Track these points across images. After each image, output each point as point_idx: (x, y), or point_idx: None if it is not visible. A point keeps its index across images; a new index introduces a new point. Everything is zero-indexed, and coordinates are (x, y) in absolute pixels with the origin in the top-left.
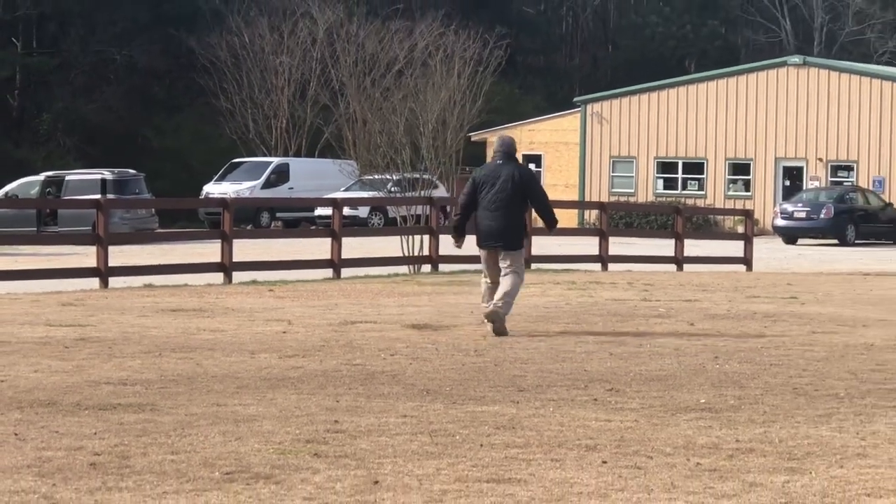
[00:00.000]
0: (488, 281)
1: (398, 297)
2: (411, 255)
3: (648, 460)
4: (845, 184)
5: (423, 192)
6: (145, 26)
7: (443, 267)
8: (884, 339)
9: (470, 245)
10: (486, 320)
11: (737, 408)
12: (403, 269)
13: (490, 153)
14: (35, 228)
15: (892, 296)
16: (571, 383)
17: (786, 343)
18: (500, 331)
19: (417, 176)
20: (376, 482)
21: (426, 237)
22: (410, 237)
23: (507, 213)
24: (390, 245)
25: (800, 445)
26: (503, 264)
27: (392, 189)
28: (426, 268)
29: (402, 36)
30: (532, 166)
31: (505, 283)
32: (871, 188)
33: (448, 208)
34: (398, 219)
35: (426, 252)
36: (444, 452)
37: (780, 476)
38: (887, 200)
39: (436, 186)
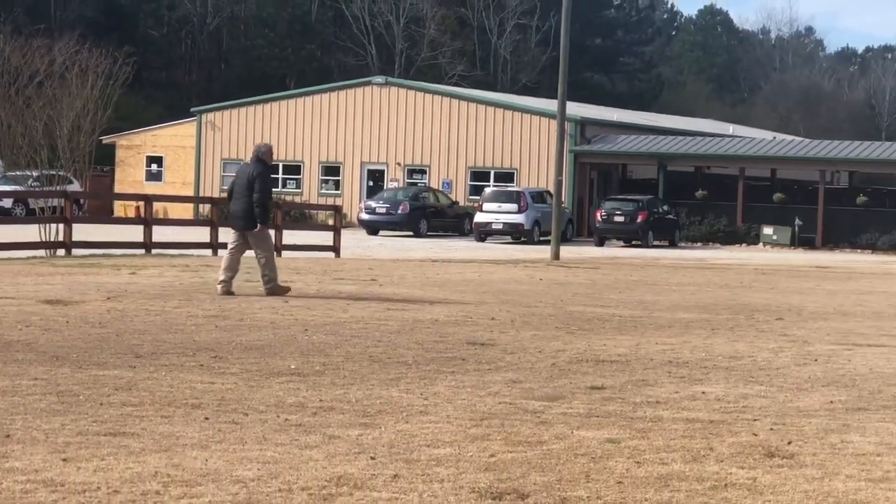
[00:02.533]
0: (229, 251)
1: (35, 277)
2: (48, 240)
3: (244, 417)
4: (419, 184)
5: (59, 187)
6: None
7: (76, 251)
8: (447, 316)
9: (99, 233)
10: (219, 289)
11: (321, 373)
12: (41, 252)
13: (119, 155)
14: None
15: (455, 279)
16: (182, 351)
17: (365, 318)
18: (275, 292)
19: (55, 173)
20: (8, 436)
21: (61, 225)
22: (47, 225)
23: (244, 201)
24: (31, 232)
25: (373, 404)
26: (252, 246)
27: (32, 184)
28: (61, 252)
29: (43, 52)
30: (154, 166)
31: (260, 266)
32: (440, 188)
33: (81, 201)
34: (37, 210)
35: (61, 238)
36: (69, 410)
37: (356, 430)
38: (454, 199)
39: (71, 182)
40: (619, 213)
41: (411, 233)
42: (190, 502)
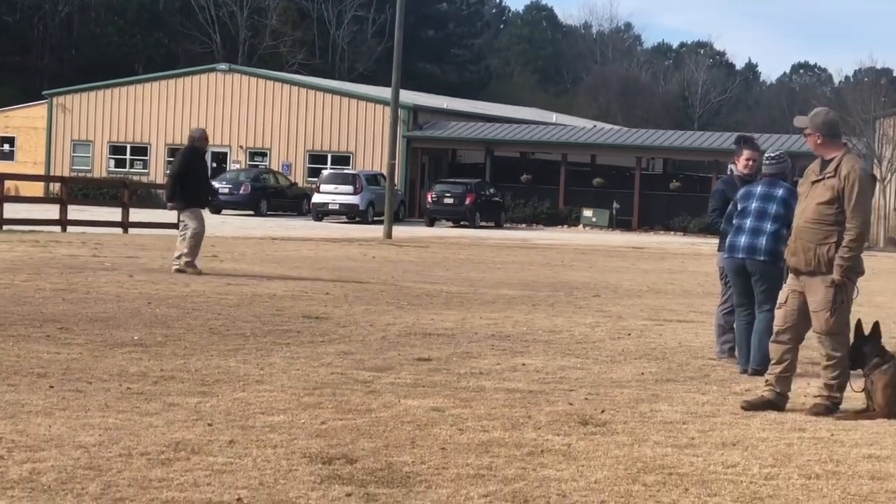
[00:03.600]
0: None
1: None
2: None
3: (88, 385)
4: (260, 166)
5: None
6: None
7: None
8: (284, 290)
9: None
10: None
11: (163, 343)
12: None
13: None
14: None
15: (293, 256)
16: (29, 322)
17: (206, 292)
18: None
19: None
20: None
21: None
22: None
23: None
24: None
25: (212, 374)
26: None
27: None
28: None
29: None
30: (6, 146)
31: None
32: (280, 171)
33: None
34: None
35: None
36: None
37: (195, 398)
38: (293, 181)
39: None
40: (448, 195)
41: (252, 212)
42: (33, 467)
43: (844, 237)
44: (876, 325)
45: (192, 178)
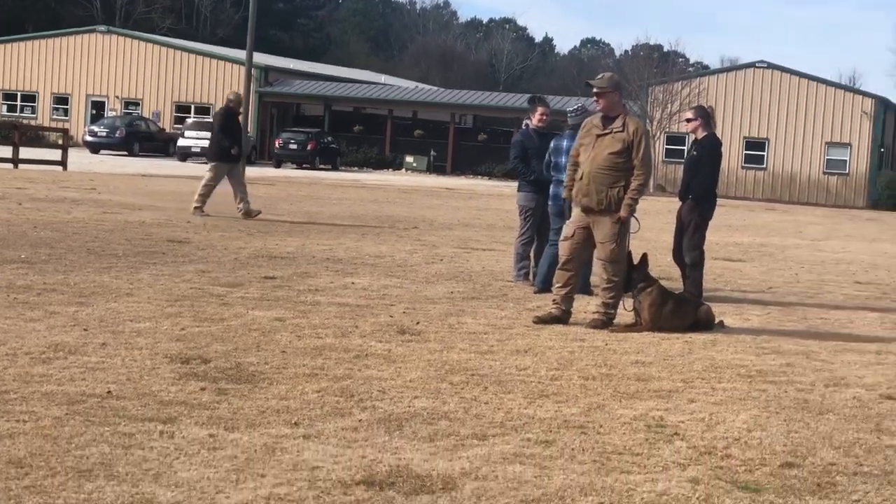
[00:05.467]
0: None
1: None
2: None
3: None
4: (134, 114)
5: None
6: None
7: None
8: (152, 219)
9: None
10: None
11: (47, 262)
12: None
13: None
14: None
15: (160, 191)
16: None
17: (85, 219)
18: (248, 215)
19: None
20: None
21: None
22: None
23: None
24: None
25: (88, 287)
26: None
27: None
28: None
29: None
30: None
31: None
32: (151, 118)
33: None
34: None
35: None
36: None
37: (73, 307)
38: (161, 127)
39: None
40: (293, 142)
41: (126, 153)
42: None
43: (633, 182)
44: (644, 256)
45: (226, 135)
